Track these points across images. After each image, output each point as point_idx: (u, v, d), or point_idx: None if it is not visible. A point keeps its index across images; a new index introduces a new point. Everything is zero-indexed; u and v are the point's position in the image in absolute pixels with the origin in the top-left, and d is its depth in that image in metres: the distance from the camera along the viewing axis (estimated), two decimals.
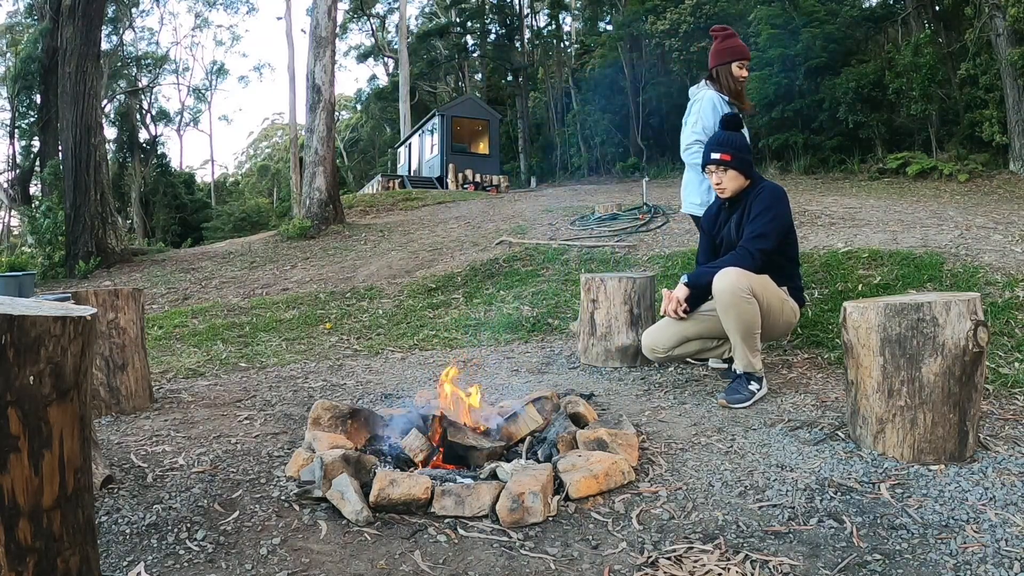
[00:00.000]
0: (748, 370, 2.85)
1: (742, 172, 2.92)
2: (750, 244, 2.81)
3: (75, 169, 9.85)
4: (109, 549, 1.67)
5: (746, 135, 3.18)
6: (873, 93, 14.60)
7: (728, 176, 2.91)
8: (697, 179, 3.48)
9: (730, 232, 3.01)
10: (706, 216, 3.24)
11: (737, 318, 2.74)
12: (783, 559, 1.60)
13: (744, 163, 2.92)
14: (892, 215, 7.01)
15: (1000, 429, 2.42)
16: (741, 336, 2.79)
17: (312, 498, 1.96)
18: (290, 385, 3.56)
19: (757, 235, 2.81)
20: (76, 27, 9.94)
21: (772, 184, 2.96)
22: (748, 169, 2.94)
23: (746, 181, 2.95)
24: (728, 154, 2.88)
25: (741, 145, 2.93)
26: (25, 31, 24.54)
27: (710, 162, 2.94)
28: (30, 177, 22.22)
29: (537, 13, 32.16)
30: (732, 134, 2.99)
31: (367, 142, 40.70)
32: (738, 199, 2.99)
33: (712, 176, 2.97)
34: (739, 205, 2.99)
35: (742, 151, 2.92)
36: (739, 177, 2.92)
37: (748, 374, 2.86)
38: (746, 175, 2.94)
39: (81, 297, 2.93)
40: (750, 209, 2.89)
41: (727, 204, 3.05)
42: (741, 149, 2.92)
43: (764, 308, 2.79)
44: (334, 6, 12.21)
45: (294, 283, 7.63)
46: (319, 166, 11.68)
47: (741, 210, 2.96)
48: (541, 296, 5.58)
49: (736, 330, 2.78)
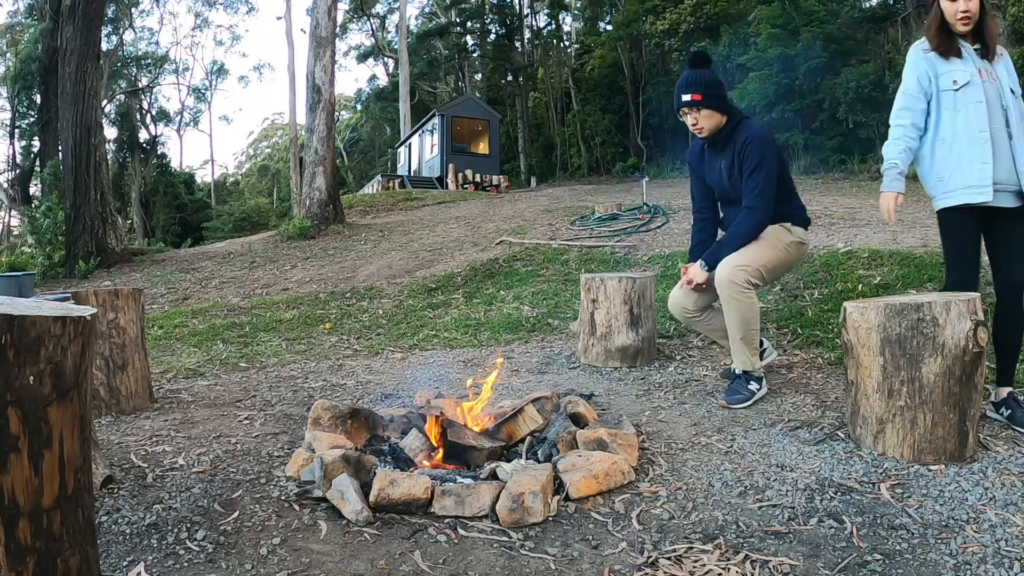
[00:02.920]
0: (747, 369, 2.86)
1: (717, 109, 2.78)
2: (754, 202, 2.78)
3: (75, 169, 9.85)
4: (109, 549, 1.67)
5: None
6: (873, 93, 14.60)
7: (703, 115, 2.78)
8: (928, 158, 2.53)
9: (721, 177, 2.90)
10: (691, 154, 3.10)
11: (737, 312, 2.76)
12: (783, 559, 1.60)
13: (717, 99, 2.77)
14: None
15: (1000, 429, 2.42)
16: (740, 334, 2.80)
17: (312, 498, 1.96)
18: (290, 385, 3.56)
19: (758, 193, 2.76)
20: (76, 27, 9.94)
21: (757, 131, 2.81)
22: (722, 105, 2.80)
23: (723, 118, 2.81)
24: (698, 93, 2.74)
25: (710, 81, 2.77)
26: (25, 31, 24.55)
27: (681, 104, 2.80)
28: (30, 177, 22.24)
29: (537, 13, 32.15)
30: (699, 71, 2.80)
31: (367, 142, 40.72)
32: (721, 140, 2.85)
33: (687, 118, 2.83)
34: (725, 147, 2.85)
35: (712, 87, 2.77)
36: (714, 115, 2.79)
37: (747, 374, 2.87)
38: (722, 111, 2.80)
39: (81, 297, 2.94)
40: (742, 162, 2.78)
41: (708, 144, 2.94)
42: (711, 85, 2.77)
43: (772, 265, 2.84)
44: (334, 6, 12.21)
45: (294, 283, 7.63)
46: (319, 166, 11.68)
47: (731, 155, 2.82)
48: (541, 296, 5.58)
49: (735, 325, 2.79)
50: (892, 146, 2.53)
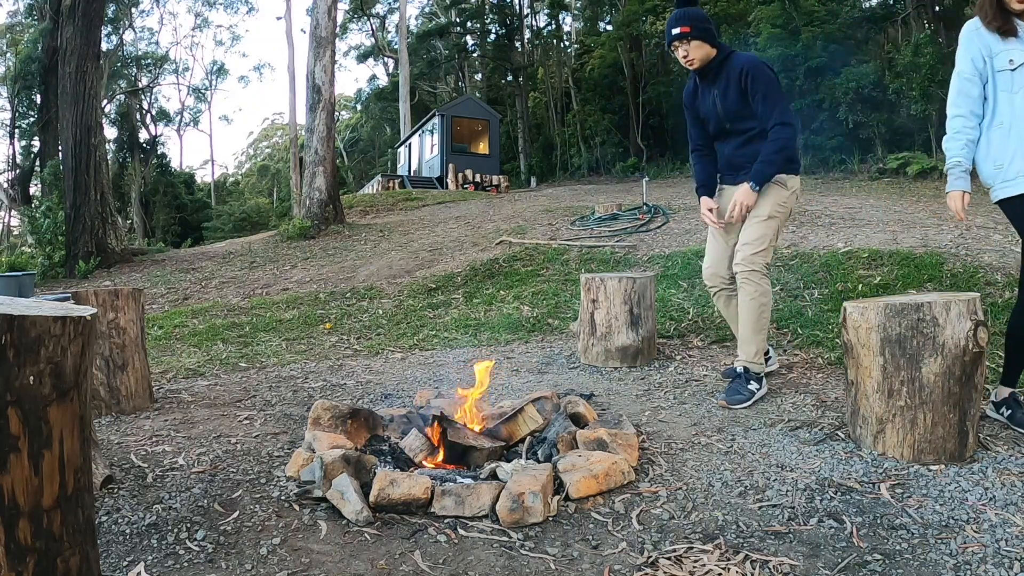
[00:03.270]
0: (749, 365, 2.93)
1: (706, 41, 2.93)
2: (778, 118, 2.87)
3: (75, 169, 9.84)
4: (109, 549, 1.67)
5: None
6: (873, 93, 14.60)
7: (693, 47, 2.92)
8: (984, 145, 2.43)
9: (715, 106, 3.01)
10: (685, 93, 3.22)
11: (755, 299, 2.89)
12: (783, 559, 1.60)
13: (705, 32, 2.93)
14: (892, 215, 7.01)
15: (1000, 429, 2.42)
16: (754, 321, 2.91)
17: (312, 498, 1.96)
18: (290, 385, 3.56)
19: (780, 110, 2.86)
20: (76, 27, 9.94)
21: (749, 57, 2.96)
22: (711, 38, 2.95)
23: (712, 50, 2.96)
24: (687, 26, 2.90)
25: (698, 15, 2.94)
26: (25, 31, 24.56)
27: (672, 39, 2.95)
28: (30, 177, 22.24)
29: (537, 13, 32.14)
30: (687, 8, 2.97)
31: (367, 142, 40.72)
32: (712, 71, 2.99)
33: (678, 51, 2.97)
34: (717, 78, 2.98)
35: (699, 20, 2.93)
36: (704, 46, 2.93)
37: (748, 373, 2.90)
38: (711, 43, 2.95)
39: (81, 297, 2.94)
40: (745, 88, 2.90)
41: (699, 78, 3.06)
42: (698, 19, 2.93)
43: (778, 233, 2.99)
44: (334, 6, 12.21)
45: (294, 283, 7.63)
46: (319, 166, 11.68)
47: (724, 84, 2.96)
48: (541, 296, 5.58)
49: (752, 311, 2.90)
50: (953, 141, 2.43)
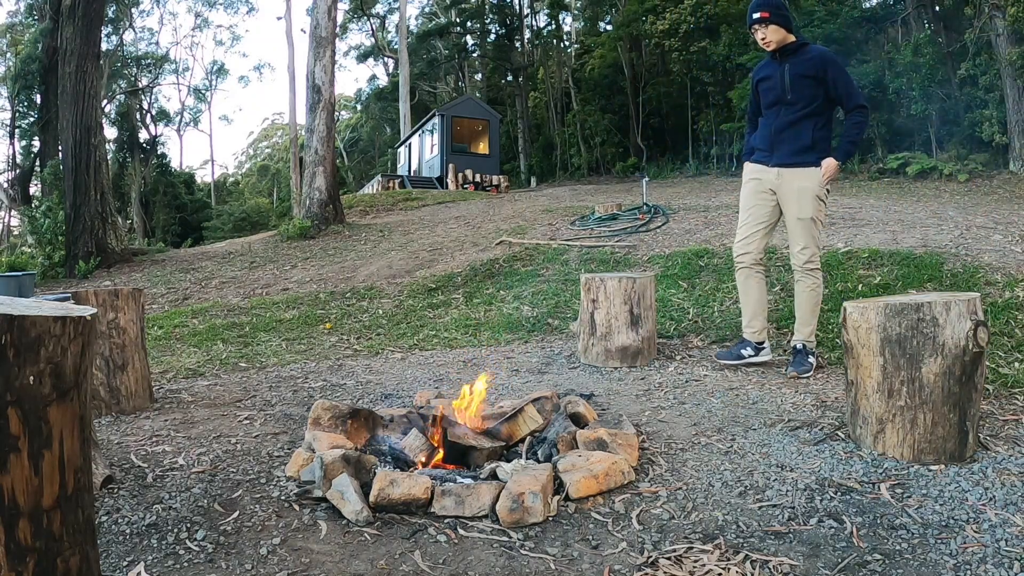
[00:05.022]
0: (807, 343, 3.33)
1: (782, 26, 3.25)
2: (857, 101, 3.25)
3: (75, 169, 9.84)
4: (109, 549, 1.67)
5: None
6: (873, 93, 14.57)
7: (771, 31, 3.25)
8: None
9: (784, 78, 3.30)
10: (756, 70, 3.53)
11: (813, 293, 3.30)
12: (783, 559, 1.60)
13: (783, 18, 3.26)
14: (892, 215, 7.01)
15: (1000, 429, 2.42)
16: (809, 310, 3.32)
17: (312, 498, 1.96)
18: (290, 385, 3.56)
19: (857, 94, 3.26)
20: (76, 27, 9.93)
21: (824, 48, 3.34)
22: (788, 24, 3.28)
23: (788, 35, 3.27)
24: (766, 11, 3.23)
25: (777, 3, 3.26)
26: (25, 31, 24.57)
27: (752, 22, 3.28)
28: (30, 177, 22.24)
29: (537, 13, 32.12)
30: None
31: (367, 142, 40.73)
32: (788, 52, 3.29)
33: (757, 34, 3.31)
34: (791, 57, 3.28)
35: (779, 8, 3.25)
36: (780, 31, 3.25)
37: (806, 348, 3.33)
38: (787, 28, 3.27)
39: (81, 297, 2.93)
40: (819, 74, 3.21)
41: (773, 57, 3.36)
42: (778, 6, 3.25)
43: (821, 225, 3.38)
44: (334, 6, 12.21)
45: (294, 283, 7.63)
46: (319, 166, 11.68)
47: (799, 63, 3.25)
48: (541, 296, 5.58)
49: (811, 302, 3.31)
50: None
